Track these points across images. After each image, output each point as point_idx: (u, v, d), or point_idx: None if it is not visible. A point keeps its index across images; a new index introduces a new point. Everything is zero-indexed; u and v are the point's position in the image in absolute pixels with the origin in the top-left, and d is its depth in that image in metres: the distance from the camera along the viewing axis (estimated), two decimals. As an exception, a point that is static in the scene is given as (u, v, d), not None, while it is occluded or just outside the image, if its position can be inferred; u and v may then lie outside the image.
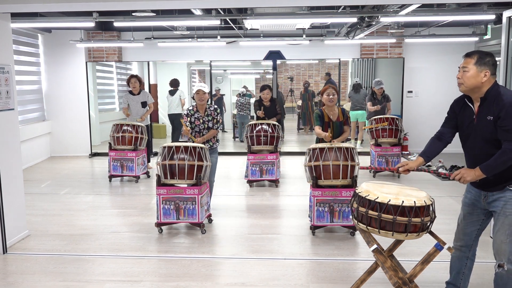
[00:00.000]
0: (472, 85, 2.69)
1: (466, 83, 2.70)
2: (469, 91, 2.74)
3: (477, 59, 2.68)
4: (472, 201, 2.90)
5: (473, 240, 2.96)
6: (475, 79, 2.67)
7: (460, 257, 3.01)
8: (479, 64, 2.66)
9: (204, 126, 4.90)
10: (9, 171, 4.22)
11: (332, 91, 4.81)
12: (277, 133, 6.44)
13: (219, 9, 6.00)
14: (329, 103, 4.82)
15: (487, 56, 2.69)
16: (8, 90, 4.22)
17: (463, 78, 2.72)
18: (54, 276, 3.61)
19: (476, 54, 2.70)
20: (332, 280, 3.48)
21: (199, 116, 4.90)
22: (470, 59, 2.70)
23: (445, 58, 9.13)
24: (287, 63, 11.48)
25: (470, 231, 2.94)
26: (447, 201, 5.65)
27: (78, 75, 9.07)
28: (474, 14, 6.01)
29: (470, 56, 2.72)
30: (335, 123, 4.86)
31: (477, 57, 2.68)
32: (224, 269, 3.76)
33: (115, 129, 6.85)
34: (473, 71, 2.67)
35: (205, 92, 4.85)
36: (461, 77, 2.73)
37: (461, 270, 3.02)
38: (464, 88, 2.74)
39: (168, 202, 4.50)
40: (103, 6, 4.12)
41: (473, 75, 2.67)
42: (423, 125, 9.09)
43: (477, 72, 2.66)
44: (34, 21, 6.35)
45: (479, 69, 2.66)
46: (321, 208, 4.39)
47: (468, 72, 2.69)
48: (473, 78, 2.67)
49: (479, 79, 2.66)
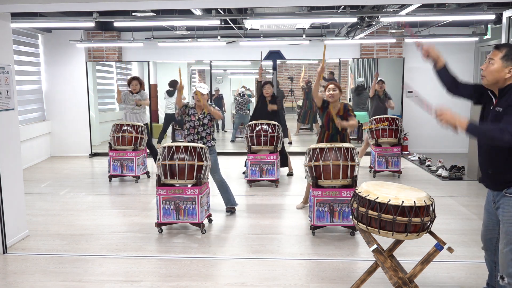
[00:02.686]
0: (494, 80, 2.59)
1: (488, 76, 2.60)
2: (490, 85, 2.64)
3: (505, 54, 2.55)
4: (487, 208, 2.82)
5: (495, 246, 2.82)
6: (499, 74, 2.56)
7: (488, 260, 2.93)
8: (506, 60, 2.54)
9: (199, 123, 4.89)
10: (9, 171, 4.22)
11: (333, 87, 4.83)
12: (277, 133, 6.44)
13: (219, 9, 6.00)
14: (330, 99, 4.83)
15: None
16: (8, 90, 4.22)
17: (486, 71, 2.61)
18: (54, 276, 3.60)
19: (505, 48, 2.57)
20: (332, 280, 3.48)
21: (195, 113, 4.91)
22: (499, 52, 2.58)
23: (445, 58, 8.98)
24: (287, 63, 11.48)
25: (489, 238, 2.84)
26: (447, 201, 5.65)
27: (78, 75, 9.07)
28: (474, 14, 6.00)
29: (499, 49, 2.59)
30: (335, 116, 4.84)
31: (506, 51, 2.56)
32: (224, 269, 3.76)
33: (115, 129, 6.86)
34: (498, 65, 2.56)
35: (202, 94, 4.83)
36: (485, 69, 2.62)
37: (492, 272, 2.92)
38: (486, 82, 2.63)
39: (168, 202, 4.50)
40: (103, 6, 4.12)
41: (497, 69, 2.56)
42: (423, 125, 9.09)
43: (502, 67, 2.55)
44: (34, 21, 6.35)
45: (505, 64, 2.55)
46: (321, 208, 4.39)
47: (493, 65, 2.57)
48: (496, 72, 2.57)
49: (503, 75, 2.56)
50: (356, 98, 8.90)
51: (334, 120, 4.83)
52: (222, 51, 9.33)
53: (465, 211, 5.24)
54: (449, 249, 2.64)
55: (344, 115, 4.86)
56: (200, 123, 4.90)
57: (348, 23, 7.71)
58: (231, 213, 5.15)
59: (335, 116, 4.81)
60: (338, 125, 4.78)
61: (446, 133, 8.90)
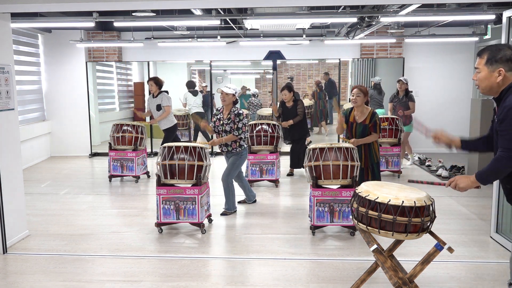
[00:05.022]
0: (488, 86, 2.46)
1: (481, 85, 2.48)
2: (487, 92, 2.50)
3: (487, 58, 2.43)
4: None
5: None
6: (489, 80, 2.43)
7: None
8: (490, 63, 2.41)
9: (223, 129, 4.89)
10: (9, 171, 4.21)
11: (357, 92, 4.65)
12: (277, 133, 6.44)
13: (219, 9, 6.00)
14: (353, 104, 4.69)
15: (500, 51, 2.40)
16: (8, 90, 4.21)
17: (478, 80, 2.49)
18: (54, 276, 3.60)
19: (486, 52, 2.44)
20: (332, 280, 3.48)
21: (221, 117, 4.91)
22: (481, 59, 2.46)
23: (445, 58, 9.14)
24: (287, 63, 11.46)
25: None
26: (447, 201, 5.65)
27: (78, 75, 9.07)
28: (474, 14, 6.01)
29: (480, 56, 2.47)
30: (359, 124, 4.67)
31: (487, 55, 2.43)
32: (224, 269, 3.76)
33: (115, 129, 6.86)
34: (484, 71, 2.44)
35: (227, 93, 4.83)
36: (476, 79, 2.51)
37: None
38: (482, 90, 2.50)
39: (168, 202, 4.50)
40: (103, 6, 4.12)
41: (486, 76, 2.44)
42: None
43: (489, 72, 2.42)
44: (34, 21, 6.35)
45: (490, 68, 2.42)
46: (321, 208, 4.39)
47: (480, 73, 2.46)
48: (486, 79, 2.44)
49: (493, 80, 2.42)
50: (377, 96, 8.68)
51: (355, 128, 4.67)
52: (222, 51, 9.33)
53: (465, 211, 5.24)
54: (449, 249, 2.64)
55: (370, 126, 4.64)
56: (223, 129, 4.89)
57: (348, 23, 7.71)
58: (225, 215, 5.15)
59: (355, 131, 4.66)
60: (354, 144, 4.55)
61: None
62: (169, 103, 6.80)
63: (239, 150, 4.98)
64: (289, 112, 6.84)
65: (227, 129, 4.88)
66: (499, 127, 2.38)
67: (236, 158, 4.99)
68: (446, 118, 8.76)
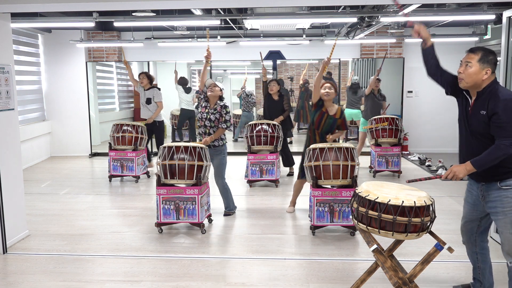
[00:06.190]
0: (473, 82, 2.68)
1: (466, 79, 2.69)
2: (469, 87, 2.73)
3: (481, 56, 2.66)
4: (474, 201, 2.93)
5: (475, 236, 3.00)
6: (477, 76, 2.66)
7: (470, 253, 3.08)
8: (483, 62, 2.65)
9: (207, 117, 4.88)
10: (9, 171, 4.22)
11: (330, 86, 4.71)
12: (277, 133, 6.44)
13: (219, 9, 6.00)
14: (325, 97, 4.70)
15: (490, 54, 2.66)
16: (8, 90, 4.22)
17: (464, 74, 2.70)
18: (54, 276, 3.61)
19: (481, 51, 2.68)
20: (332, 280, 3.48)
21: (207, 105, 4.91)
22: (474, 55, 2.68)
23: (445, 58, 8.99)
24: (287, 63, 11.47)
25: (470, 228, 3.01)
26: (447, 201, 5.65)
27: (78, 75, 9.07)
28: (474, 14, 6.01)
29: (474, 52, 2.69)
30: (330, 116, 4.72)
31: (481, 54, 2.66)
32: (224, 269, 3.76)
33: (115, 129, 6.86)
34: (476, 68, 2.66)
35: (217, 86, 4.89)
36: (463, 72, 2.71)
37: (476, 264, 3.08)
38: (465, 85, 2.73)
39: (168, 202, 4.50)
40: (103, 6, 4.12)
41: (475, 72, 2.66)
42: (423, 125, 9.09)
43: (480, 69, 2.65)
44: (34, 21, 6.35)
45: (481, 66, 2.65)
46: (321, 208, 4.39)
47: (471, 68, 2.67)
48: (475, 75, 2.66)
49: (480, 77, 2.66)
50: (351, 96, 8.84)
51: (326, 119, 4.72)
52: (222, 51, 9.32)
53: (465, 211, 5.23)
54: (449, 249, 2.64)
55: (340, 121, 4.75)
56: (207, 117, 4.86)
57: (348, 23, 7.71)
58: (228, 216, 5.15)
59: (324, 122, 4.73)
60: (328, 140, 4.66)
61: (446, 133, 8.91)
62: (161, 99, 7.17)
63: (221, 144, 4.95)
64: (275, 105, 6.81)
65: (211, 118, 4.86)
66: (496, 119, 2.57)
67: (220, 158, 4.96)
68: (446, 118, 8.75)
